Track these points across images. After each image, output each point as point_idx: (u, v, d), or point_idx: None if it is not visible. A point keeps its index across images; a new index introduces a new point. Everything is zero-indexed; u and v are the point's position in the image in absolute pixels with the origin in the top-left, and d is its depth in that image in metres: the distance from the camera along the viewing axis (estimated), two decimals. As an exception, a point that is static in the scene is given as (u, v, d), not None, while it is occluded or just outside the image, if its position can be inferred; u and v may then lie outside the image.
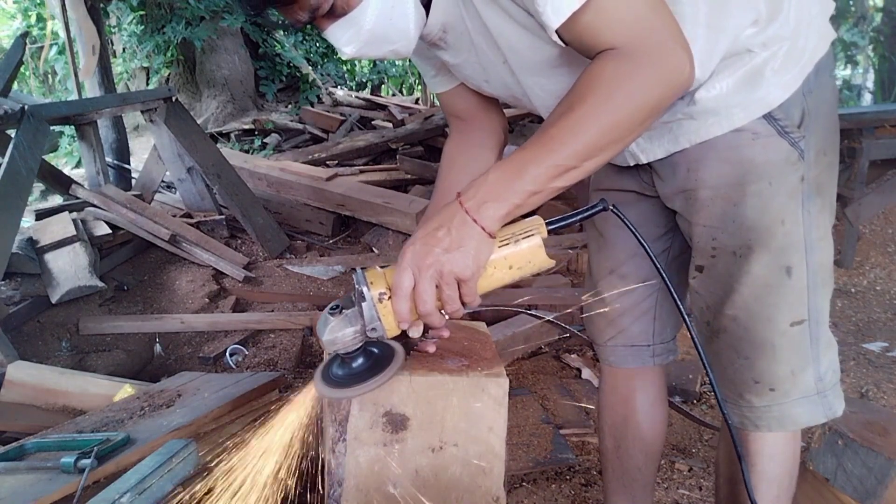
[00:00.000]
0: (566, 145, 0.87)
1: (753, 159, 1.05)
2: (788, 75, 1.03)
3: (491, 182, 0.89)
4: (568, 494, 1.92)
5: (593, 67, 0.88)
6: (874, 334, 2.96)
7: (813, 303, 1.11)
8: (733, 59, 1.02)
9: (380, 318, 0.91)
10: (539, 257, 0.94)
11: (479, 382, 1.01)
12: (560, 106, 0.90)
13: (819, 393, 1.15)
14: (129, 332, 2.92)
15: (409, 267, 0.89)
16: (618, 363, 1.40)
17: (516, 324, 2.76)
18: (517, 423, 2.15)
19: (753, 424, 1.18)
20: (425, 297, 0.89)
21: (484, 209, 0.88)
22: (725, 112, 1.04)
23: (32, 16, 7.70)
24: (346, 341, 0.92)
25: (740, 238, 1.09)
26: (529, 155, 0.89)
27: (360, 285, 0.90)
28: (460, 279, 0.89)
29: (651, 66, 0.86)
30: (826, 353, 1.15)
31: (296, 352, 2.82)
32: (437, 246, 0.88)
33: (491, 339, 1.16)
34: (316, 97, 7.82)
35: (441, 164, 1.34)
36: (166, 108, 3.82)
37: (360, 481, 1.02)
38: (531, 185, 0.88)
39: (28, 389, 2.10)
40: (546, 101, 1.09)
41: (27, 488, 1.19)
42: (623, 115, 0.87)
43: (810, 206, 1.08)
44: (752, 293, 1.10)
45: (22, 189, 2.85)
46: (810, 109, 1.05)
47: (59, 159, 6.97)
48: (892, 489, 1.60)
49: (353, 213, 4.25)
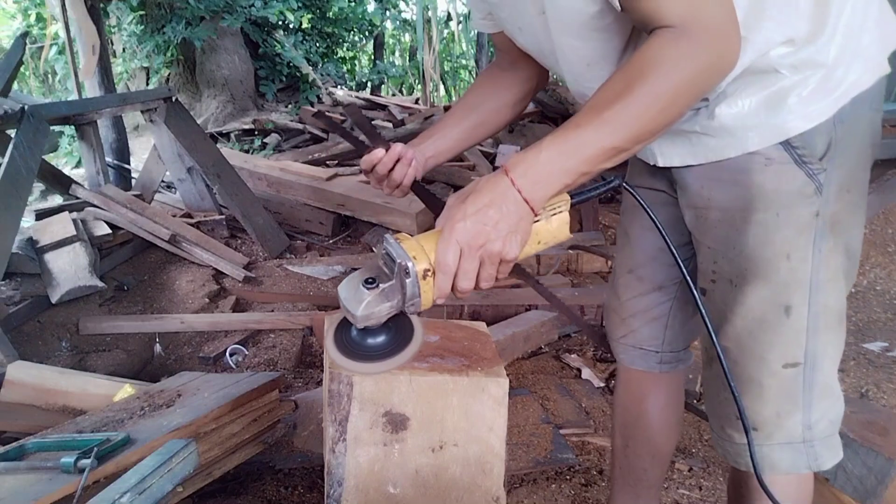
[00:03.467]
0: (625, 126, 0.84)
1: (763, 185, 1.00)
2: (815, 106, 0.95)
3: (543, 162, 0.85)
4: (568, 494, 1.92)
5: (652, 45, 0.84)
6: (874, 334, 2.96)
7: (812, 346, 1.05)
8: (759, 77, 0.96)
9: (420, 294, 0.87)
10: (563, 232, 0.94)
11: (479, 382, 1.01)
12: (614, 82, 0.86)
13: (805, 441, 1.08)
14: (129, 332, 2.92)
15: (458, 244, 0.84)
16: (627, 362, 1.40)
17: (516, 324, 2.75)
18: (517, 423, 2.15)
19: (733, 460, 1.15)
20: (471, 276, 0.86)
21: (536, 189, 0.85)
22: (741, 133, 0.99)
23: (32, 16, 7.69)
24: (381, 316, 0.88)
25: (738, 266, 1.05)
26: (585, 135, 0.85)
27: (403, 260, 0.85)
28: (505, 259, 0.87)
29: (710, 50, 0.83)
30: (821, 402, 1.08)
31: (296, 352, 2.82)
32: (488, 224, 0.84)
33: (491, 339, 1.16)
34: (316, 97, 7.82)
35: (472, 85, 1.38)
36: (166, 108, 3.81)
37: (360, 481, 1.02)
38: (585, 167, 0.85)
39: (28, 389, 2.10)
40: (573, 66, 1.06)
41: (27, 488, 1.19)
42: (679, 97, 0.84)
43: (822, 244, 1.01)
44: (746, 327, 1.06)
45: (22, 189, 2.85)
46: (838, 141, 0.97)
47: (59, 159, 6.97)
48: (892, 489, 1.60)
49: (353, 213, 4.25)
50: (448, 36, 10.66)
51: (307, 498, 1.89)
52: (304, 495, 1.89)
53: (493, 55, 9.10)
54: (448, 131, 1.35)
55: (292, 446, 1.99)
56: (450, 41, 10.76)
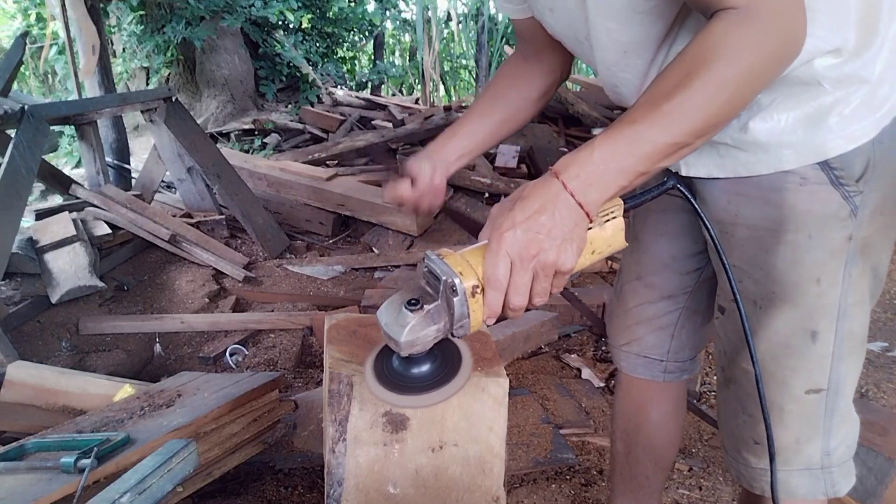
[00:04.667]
0: (688, 118, 0.77)
1: (795, 206, 0.93)
2: (858, 125, 0.89)
3: (597, 161, 0.78)
4: (568, 494, 1.92)
5: (715, 29, 0.76)
6: (874, 334, 2.96)
7: (835, 373, 1.01)
8: (799, 90, 0.89)
9: (469, 314, 0.78)
10: (618, 239, 0.87)
11: (479, 382, 1.01)
12: (674, 72, 0.78)
13: (824, 468, 1.06)
14: (129, 332, 2.92)
15: (509, 255, 0.77)
16: (628, 370, 1.36)
17: (516, 324, 2.75)
18: (517, 423, 2.15)
19: (748, 483, 1.12)
20: (523, 290, 0.78)
21: (590, 192, 0.78)
22: (776, 151, 0.92)
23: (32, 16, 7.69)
24: (428, 341, 0.80)
25: (764, 287, 1.00)
26: (642, 130, 0.77)
27: (449, 277, 0.76)
28: (561, 271, 0.79)
29: (778, 34, 0.76)
30: (841, 427, 1.05)
31: (296, 352, 2.82)
32: (540, 232, 0.77)
33: (491, 339, 1.16)
34: (316, 97, 7.82)
35: (495, 76, 1.28)
36: (166, 108, 3.82)
37: (360, 481, 1.02)
38: (643, 166, 0.78)
39: (28, 389, 2.10)
40: (608, 53, 0.99)
41: (27, 488, 1.19)
42: (747, 85, 0.77)
43: (853, 268, 0.96)
44: (769, 350, 1.02)
45: (22, 189, 2.85)
46: (877, 162, 0.91)
47: (59, 159, 6.97)
48: (892, 489, 1.60)
49: (353, 213, 4.25)
50: (448, 36, 10.66)
51: (307, 498, 1.89)
52: (304, 495, 1.89)
53: (493, 55, 9.10)
54: (473, 128, 1.26)
55: (292, 446, 1.99)
56: (450, 41, 10.76)
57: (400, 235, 4.10)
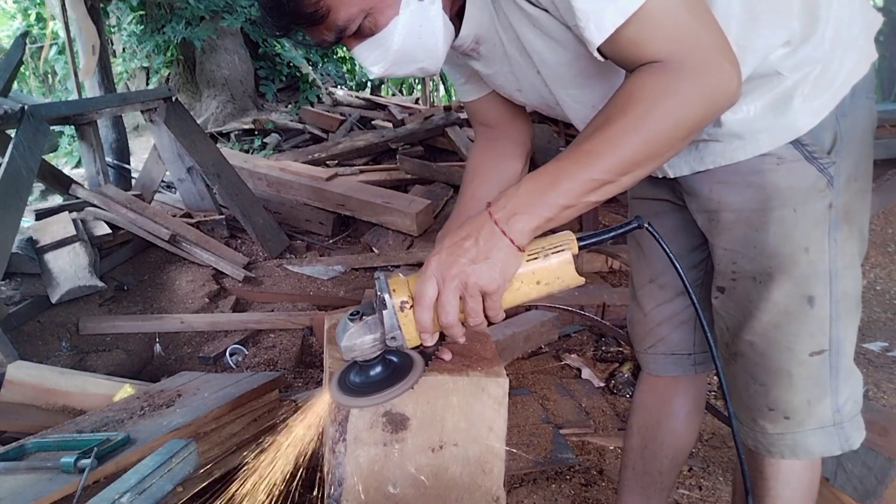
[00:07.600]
0: (603, 159, 0.84)
1: (777, 184, 1.02)
2: (819, 101, 0.98)
3: (522, 194, 0.86)
4: (568, 494, 1.92)
5: (634, 80, 0.84)
6: (874, 334, 2.96)
7: (835, 333, 1.08)
8: (761, 82, 0.98)
9: (400, 327, 0.89)
10: (568, 273, 0.92)
11: (479, 382, 1.01)
12: (597, 118, 0.87)
13: (836, 424, 1.12)
14: (129, 332, 2.92)
15: (434, 276, 0.86)
16: (657, 371, 1.39)
17: (516, 324, 2.75)
18: (517, 423, 2.15)
19: (766, 450, 1.17)
20: (448, 309, 0.86)
21: (514, 221, 0.85)
22: (751, 137, 1.00)
23: (32, 15, 7.70)
24: (365, 349, 0.90)
25: (761, 264, 1.07)
26: (564, 167, 0.85)
27: (381, 292, 0.88)
28: (485, 292, 0.86)
29: (695, 80, 0.82)
30: (846, 384, 1.12)
31: (296, 352, 2.82)
32: (463, 256, 0.85)
33: (491, 339, 1.16)
34: (316, 97, 7.82)
35: (466, 172, 1.30)
36: (166, 108, 3.82)
37: (360, 481, 1.02)
38: (564, 199, 0.85)
39: (28, 389, 2.10)
40: (580, 112, 1.07)
41: (27, 488, 1.19)
42: (663, 130, 0.83)
43: (837, 234, 1.04)
44: (772, 320, 1.08)
45: (22, 189, 2.85)
46: (843, 133, 1.01)
47: (59, 159, 6.98)
48: (892, 489, 1.60)
49: (353, 213, 4.25)
50: (448, 36, 10.64)
51: (307, 498, 1.89)
52: (304, 495, 1.89)
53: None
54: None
55: (292, 446, 1.99)
56: (450, 41, 10.74)
57: (400, 235, 4.10)
